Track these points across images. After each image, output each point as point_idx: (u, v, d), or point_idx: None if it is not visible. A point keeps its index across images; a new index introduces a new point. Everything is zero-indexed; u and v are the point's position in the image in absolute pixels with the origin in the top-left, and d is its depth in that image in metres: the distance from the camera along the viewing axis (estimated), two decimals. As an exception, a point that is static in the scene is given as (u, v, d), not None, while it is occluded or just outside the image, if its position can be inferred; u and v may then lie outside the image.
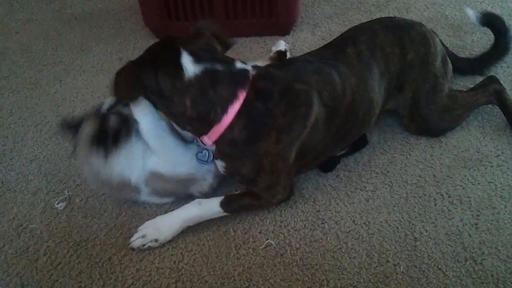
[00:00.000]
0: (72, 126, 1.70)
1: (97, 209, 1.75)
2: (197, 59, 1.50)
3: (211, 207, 1.64)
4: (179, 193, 1.71)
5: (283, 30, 2.48)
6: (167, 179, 1.66)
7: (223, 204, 1.63)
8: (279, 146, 1.56)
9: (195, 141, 1.67)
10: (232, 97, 1.50)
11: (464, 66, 2.09)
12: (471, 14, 2.04)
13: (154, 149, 1.63)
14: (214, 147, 1.61)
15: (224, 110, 1.50)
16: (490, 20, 2.04)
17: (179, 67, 1.48)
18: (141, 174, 1.65)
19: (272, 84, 1.56)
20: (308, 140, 1.60)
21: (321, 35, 2.47)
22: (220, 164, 1.64)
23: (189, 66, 1.48)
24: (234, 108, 1.50)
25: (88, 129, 1.64)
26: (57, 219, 1.73)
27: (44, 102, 2.21)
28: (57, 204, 1.77)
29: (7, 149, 2.00)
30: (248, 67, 1.57)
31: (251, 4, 2.36)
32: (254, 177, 1.61)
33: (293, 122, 1.56)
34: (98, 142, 1.61)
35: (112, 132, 1.61)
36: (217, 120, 1.51)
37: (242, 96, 1.51)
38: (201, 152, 1.67)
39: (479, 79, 2.05)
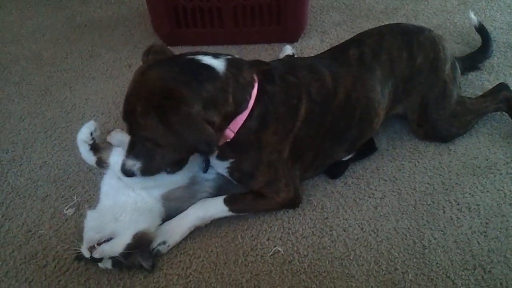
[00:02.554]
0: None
1: (106, 215, 1.75)
2: (212, 56, 1.45)
3: (216, 204, 1.65)
4: (186, 199, 1.69)
5: (292, 37, 2.49)
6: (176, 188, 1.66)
7: (226, 201, 1.64)
8: (275, 137, 1.56)
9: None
10: (253, 80, 1.49)
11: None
12: (474, 18, 2.31)
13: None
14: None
15: (250, 95, 1.48)
16: (482, 30, 2.30)
17: (209, 69, 1.41)
18: (159, 207, 1.64)
19: (272, 68, 1.57)
20: (300, 135, 1.60)
21: (329, 42, 2.48)
22: (224, 165, 1.62)
23: (213, 62, 1.42)
24: (254, 91, 1.49)
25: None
26: (66, 225, 1.73)
27: (54, 108, 2.23)
28: (66, 210, 1.77)
29: (16, 155, 2.02)
30: None
31: (260, 12, 2.38)
32: (254, 172, 1.60)
33: (287, 113, 1.56)
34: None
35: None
36: (245, 106, 1.48)
37: (257, 78, 1.50)
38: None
39: (488, 87, 2.05)
